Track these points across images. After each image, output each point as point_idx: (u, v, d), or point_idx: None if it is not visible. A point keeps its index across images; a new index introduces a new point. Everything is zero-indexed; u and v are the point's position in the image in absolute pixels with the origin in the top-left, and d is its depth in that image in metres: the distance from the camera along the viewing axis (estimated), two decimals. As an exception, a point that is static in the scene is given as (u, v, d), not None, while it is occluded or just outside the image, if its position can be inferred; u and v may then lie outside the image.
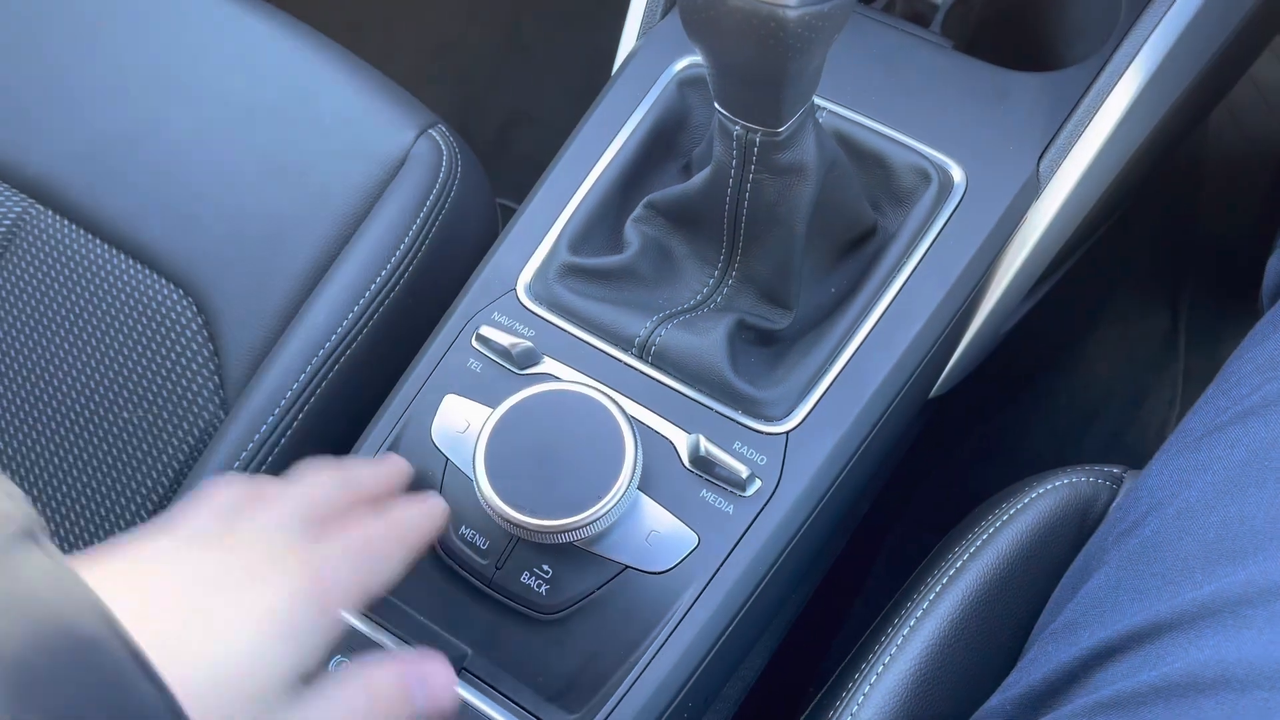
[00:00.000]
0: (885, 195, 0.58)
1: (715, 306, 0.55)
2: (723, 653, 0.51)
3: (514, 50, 1.31)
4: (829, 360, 0.53)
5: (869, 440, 0.54)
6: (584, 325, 0.55)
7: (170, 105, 0.68)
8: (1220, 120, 1.10)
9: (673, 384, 0.53)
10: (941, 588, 0.51)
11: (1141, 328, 1.06)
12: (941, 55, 0.62)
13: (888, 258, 0.55)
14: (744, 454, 0.51)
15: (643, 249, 0.55)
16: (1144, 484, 0.48)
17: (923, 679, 0.49)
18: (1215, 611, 0.39)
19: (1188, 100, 0.65)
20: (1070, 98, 0.59)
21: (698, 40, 0.42)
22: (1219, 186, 1.10)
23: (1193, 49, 0.61)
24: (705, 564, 0.50)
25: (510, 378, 0.54)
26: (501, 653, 0.51)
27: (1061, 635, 0.45)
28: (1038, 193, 0.58)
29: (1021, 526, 0.53)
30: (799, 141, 0.48)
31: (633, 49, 0.64)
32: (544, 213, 0.58)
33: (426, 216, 0.65)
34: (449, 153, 0.67)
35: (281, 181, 0.66)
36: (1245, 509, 0.41)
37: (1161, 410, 1.01)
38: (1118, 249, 1.03)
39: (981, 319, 0.61)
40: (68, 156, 0.68)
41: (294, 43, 0.70)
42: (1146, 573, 0.43)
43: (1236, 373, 0.49)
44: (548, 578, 0.50)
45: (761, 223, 0.51)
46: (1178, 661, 0.38)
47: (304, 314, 0.63)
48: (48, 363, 0.66)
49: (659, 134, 0.59)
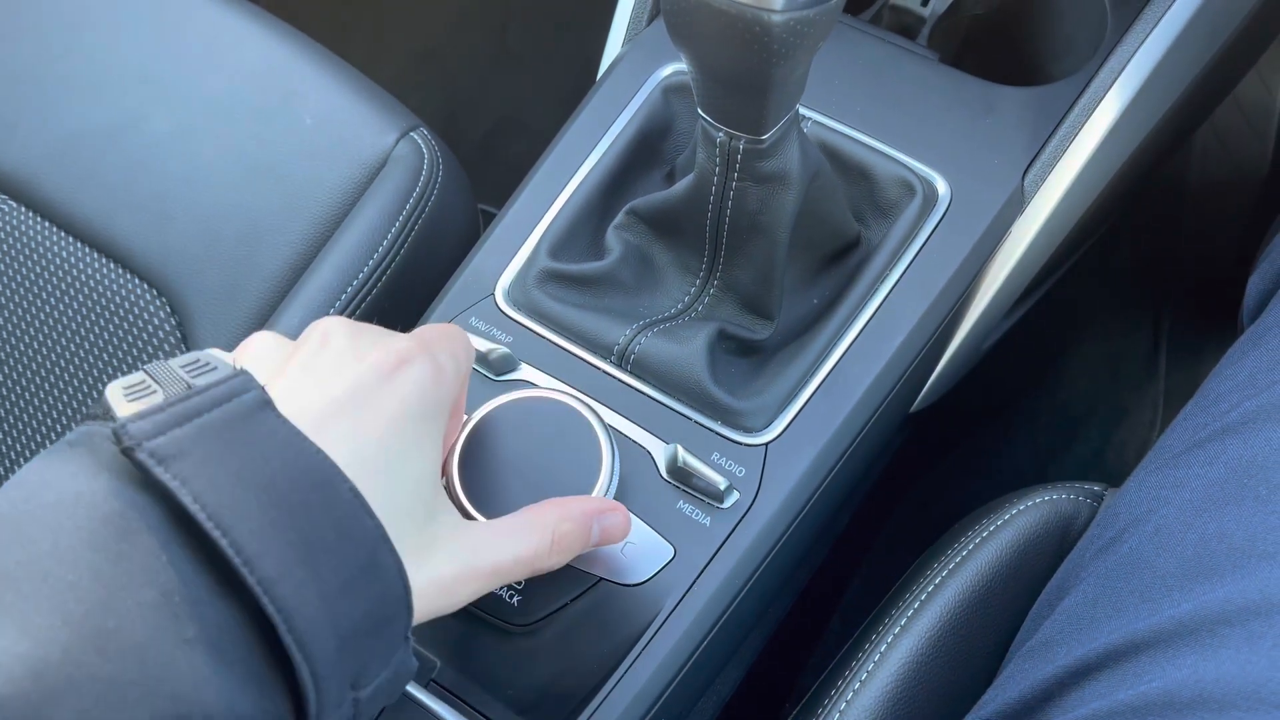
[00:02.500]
0: (869, 207, 0.57)
1: (696, 315, 0.55)
2: (698, 667, 0.50)
3: (501, 56, 1.31)
4: (810, 372, 0.53)
5: (849, 454, 0.53)
6: (562, 332, 0.54)
7: (148, 103, 0.68)
8: (1204, 141, 1.11)
9: (651, 393, 0.52)
10: (920, 604, 0.51)
11: (1123, 346, 1.06)
12: (928, 68, 0.61)
13: (871, 269, 0.54)
14: (722, 465, 0.51)
15: (624, 256, 0.55)
16: (1122, 500, 0.48)
17: (900, 696, 0.49)
18: (1193, 630, 0.39)
19: (1173, 118, 0.65)
20: (1056, 113, 0.59)
21: (681, 45, 0.42)
22: (1202, 207, 1.10)
23: (1179, 66, 0.61)
24: (681, 576, 0.49)
25: (486, 384, 0.53)
26: (472, 665, 0.50)
27: (1038, 653, 0.45)
28: (1022, 207, 0.58)
29: (1001, 543, 0.52)
30: (782, 150, 0.47)
31: (618, 55, 0.63)
32: (525, 217, 0.57)
33: (406, 219, 0.64)
34: (430, 155, 0.66)
35: (259, 181, 0.65)
36: (1224, 526, 0.41)
37: (1143, 429, 1.02)
38: (1101, 267, 1.03)
39: (964, 333, 0.61)
40: (43, 153, 0.67)
41: (275, 42, 0.69)
42: (1124, 590, 0.43)
43: (1215, 390, 0.49)
44: (520, 589, 0.49)
45: (743, 231, 0.51)
46: (1155, 681, 0.38)
47: (279, 315, 0.62)
48: (16, 360, 0.65)
49: (643, 140, 0.59)
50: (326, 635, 0.33)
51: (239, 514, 0.32)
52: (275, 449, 0.34)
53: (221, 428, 0.33)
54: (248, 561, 0.31)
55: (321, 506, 0.34)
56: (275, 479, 0.33)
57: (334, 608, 0.33)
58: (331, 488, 0.34)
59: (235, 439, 0.33)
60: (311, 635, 0.32)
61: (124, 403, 0.34)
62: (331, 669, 0.33)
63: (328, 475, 0.35)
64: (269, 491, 0.33)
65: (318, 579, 0.33)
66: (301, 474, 0.34)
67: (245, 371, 0.35)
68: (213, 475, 0.32)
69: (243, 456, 0.33)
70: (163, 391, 0.34)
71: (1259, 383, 0.46)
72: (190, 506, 0.31)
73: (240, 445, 0.33)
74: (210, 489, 0.32)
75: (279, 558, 0.32)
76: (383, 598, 0.35)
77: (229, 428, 0.33)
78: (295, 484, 0.34)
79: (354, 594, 0.34)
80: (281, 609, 0.32)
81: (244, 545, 0.32)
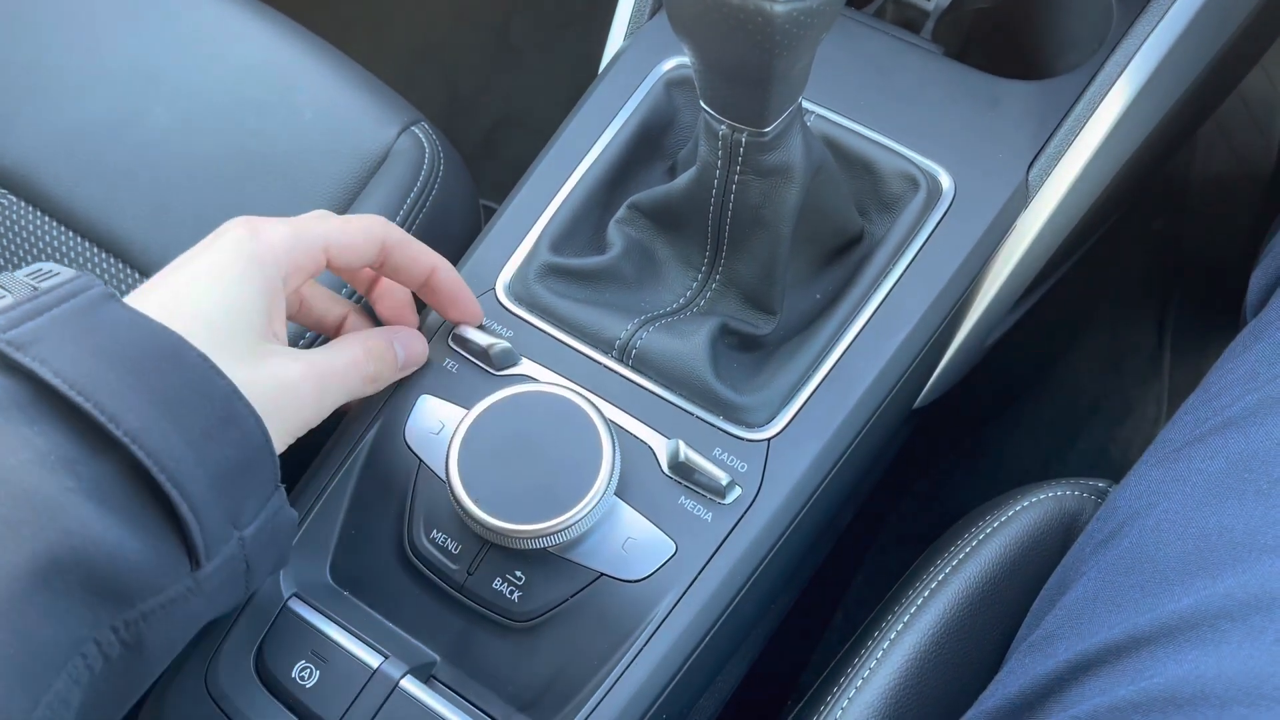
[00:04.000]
0: (873, 201, 0.57)
1: (698, 310, 0.54)
2: (699, 664, 0.50)
3: (503, 52, 1.31)
4: (813, 367, 0.52)
5: (851, 449, 0.53)
6: (563, 326, 0.54)
7: (149, 97, 0.67)
8: (1208, 136, 1.10)
9: (653, 388, 0.52)
10: (924, 600, 0.51)
11: (1128, 342, 1.05)
12: (932, 62, 0.61)
13: (874, 264, 0.54)
14: (724, 460, 0.50)
15: (625, 250, 0.54)
16: (1122, 494, 0.48)
17: (903, 693, 0.48)
18: (1194, 625, 0.38)
19: (1178, 113, 0.64)
20: (1061, 106, 0.59)
21: (684, 36, 0.41)
22: (1206, 202, 1.10)
23: (1185, 60, 0.60)
24: (682, 573, 0.49)
25: (487, 378, 0.53)
26: (471, 661, 0.50)
27: (1039, 647, 0.44)
28: (1026, 202, 0.58)
29: (1006, 539, 0.52)
30: (785, 143, 0.47)
31: (620, 48, 0.63)
32: (526, 211, 0.57)
33: (408, 213, 0.64)
34: (431, 149, 0.66)
35: (260, 176, 0.65)
36: (1224, 520, 0.41)
37: (1147, 425, 1.01)
38: (1105, 262, 1.02)
39: (968, 329, 0.61)
40: (44, 147, 0.67)
41: (276, 36, 0.69)
42: (1125, 584, 0.43)
43: (1217, 384, 0.49)
44: (520, 584, 0.49)
45: (746, 225, 0.50)
46: (1157, 676, 0.38)
47: (279, 310, 0.61)
48: (16, 356, 0.65)
49: (645, 134, 0.59)
50: (198, 474, 0.37)
51: (98, 382, 0.36)
52: (123, 328, 0.38)
53: (71, 317, 0.37)
54: (113, 418, 0.35)
55: (174, 371, 0.38)
56: (126, 351, 0.37)
57: (200, 451, 0.37)
58: (180, 355, 0.39)
59: (85, 325, 0.37)
60: (183, 474, 0.37)
61: None
62: (208, 505, 0.38)
63: (174, 344, 0.39)
64: (122, 361, 0.37)
65: (181, 428, 0.37)
66: (150, 345, 0.38)
67: (85, 274, 0.40)
68: (69, 354, 0.36)
69: (94, 336, 0.37)
70: (12, 295, 0.38)
71: (1260, 377, 0.46)
72: (52, 380, 0.35)
73: (90, 329, 0.37)
74: (69, 365, 0.36)
75: (141, 413, 0.36)
76: (243, 443, 0.40)
77: (78, 316, 0.38)
78: (145, 353, 0.38)
79: (217, 440, 0.38)
80: (150, 454, 0.36)
81: (106, 405, 0.35)
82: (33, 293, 0.38)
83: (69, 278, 0.39)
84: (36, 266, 0.41)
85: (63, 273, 0.40)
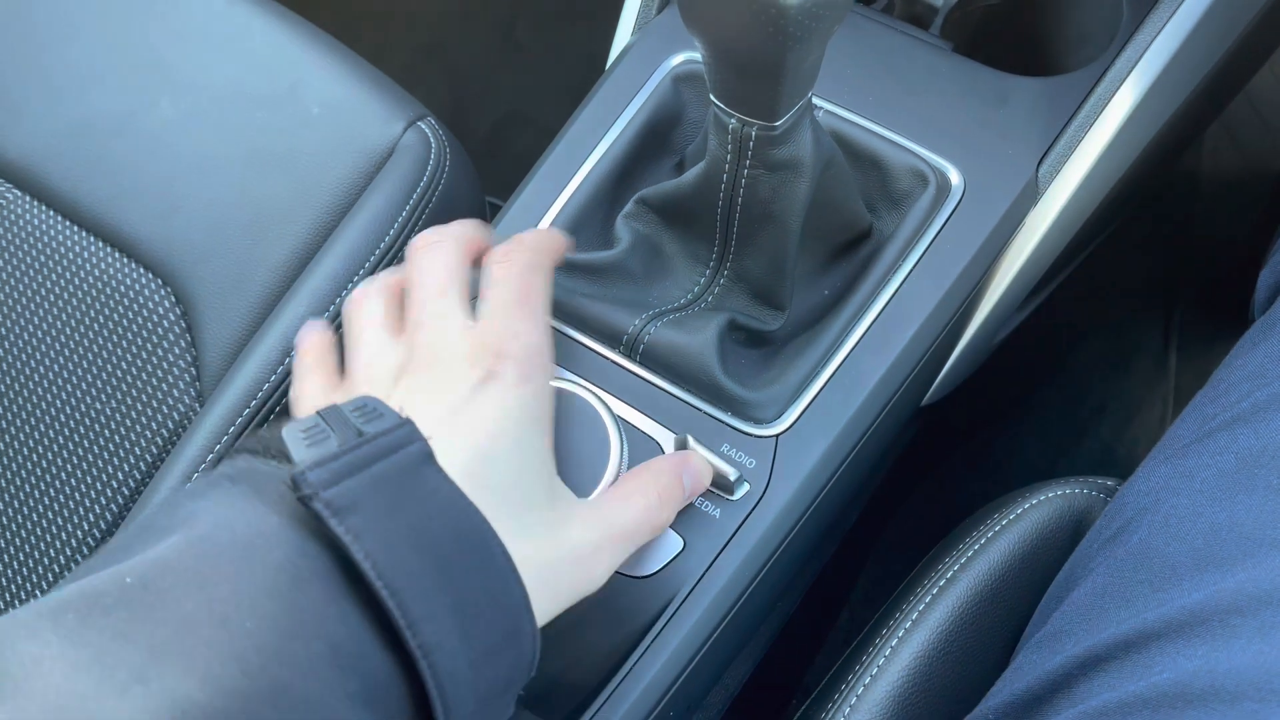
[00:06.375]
0: (881, 197, 0.57)
1: (706, 305, 0.54)
2: (707, 660, 0.50)
3: (509, 49, 1.30)
4: (821, 363, 0.52)
5: (860, 446, 0.53)
6: (571, 321, 0.54)
7: (155, 91, 0.67)
8: (1216, 136, 1.10)
9: (661, 383, 0.52)
10: (931, 599, 0.50)
11: (1135, 341, 1.05)
12: (941, 58, 0.61)
13: (883, 260, 0.54)
14: (732, 456, 0.50)
15: (633, 245, 0.54)
16: (1130, 491, 0.48)
17: (910, 692, 0.48)
18: (1204, 620, 0.38)
19: (1188, 111, 0.64)
20: (1071, 103, 0.58)
21: (695, 29, 0.41)
22: (1214, 202, 1.10)
23: (1195, 58, 0.60)
24: (691, 569, 0.49)
25: (494, 374, 0.53)
26: (479, 656, 0.49)
27: (1047, 643, 0.44)
28: (1036, 198, 0.58)
29: (1014, 538, 0.52)
30: (795, 137, 0.47)
31: (628, 43, 0.63)
32: (533, 205, 0.57)
33: (413, 209, 0.64)
34: (437, 145, 0.66)
35: (265, 171, 0.65)
36: (1234, 515, 0.41)
37: (1153, 425, 1.01)
38: (1112, 261, 1.02)
39: (976, 326, 0.60)
40: (48, 141, 0.67)
41: (282, 31, 0.69)
42: (1134, 580, 0.42)
43: (1225, 380, 0.48)
44: (528, 580, 0.48)
45: (755, 220, 0.50)
46: (1166, 672, 0.38)
47: (285, 306, 0.61)
48: (20, 350, 0.64)
49: (652, 129, 0.58)
50: (469, 700, 0.35)
51: (406, 574, 0.33)
52: (438, 508, 0.35)
53: (389, 481, 0.34)
54: (411, 625, 0.33)
55: (478, 570, 0.36)
56: (438, 537, 0.35)
57: (479, 674, 0.35)
58: (487, 550, 0.36)
59: (402, 495, 0.34)
60: (458, 701, 0.34)
61: (302, 447, 0.35)
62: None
63: (484, 537, 0.36)
64: (433, 552, 0.34)
65: (469, 646, 0.34)
66: (462, 536, 0.36)
67: (410, 421, 0.37)
68: (382, 532, 0.33)
69: (409, 513, 0.34)
70: (335, 437, 0.35)
71: (1269, 373, 0.46)
72: (363, 564, 0.32)
73: (407, 500, 0.34)
74: (381, 548, 0.33)
75: (439, 624, 0.34)
76: (516, 664, 0.37)
77: (397, 482, 0.35)
78: (457, 546, 0.35)
79: (496, 660, 0.36)
80: (436, 675, 0.33)
81: (410, 608, 0.33)
82: (357, 439, 0.35)
83: (393, 424, 0.36)
84: (362, 401, 0.38)
85: (386, 415, 0.37)
